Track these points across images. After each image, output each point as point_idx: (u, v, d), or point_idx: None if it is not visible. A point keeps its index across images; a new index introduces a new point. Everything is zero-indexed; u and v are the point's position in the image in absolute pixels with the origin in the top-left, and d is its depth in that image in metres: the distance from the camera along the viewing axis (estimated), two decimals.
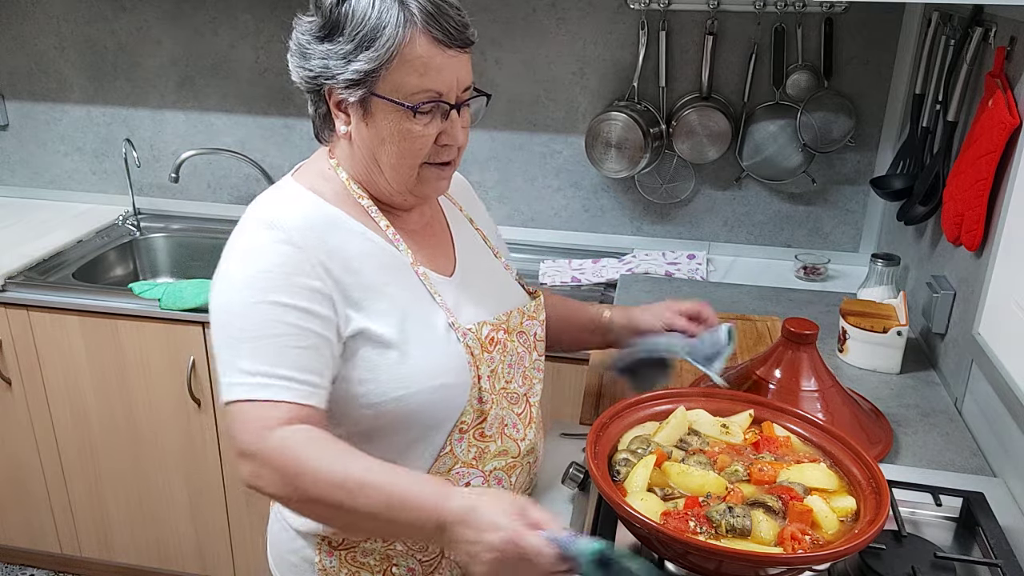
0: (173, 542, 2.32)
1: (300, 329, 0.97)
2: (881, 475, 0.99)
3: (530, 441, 1.17)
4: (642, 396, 1.17)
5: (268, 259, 0.99)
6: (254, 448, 0.94)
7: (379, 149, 1.03)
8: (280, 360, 0.96)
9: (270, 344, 0.96)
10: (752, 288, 2.06)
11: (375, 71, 0.97)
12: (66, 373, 2.16)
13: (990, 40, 1.52)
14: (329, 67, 1.00)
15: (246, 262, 1.00)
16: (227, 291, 1.00)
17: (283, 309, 0.97)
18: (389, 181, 1.06)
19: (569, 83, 2.26)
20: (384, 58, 0.97)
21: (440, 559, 1.14)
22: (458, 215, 1.24)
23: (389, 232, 1.08)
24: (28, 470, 2.31)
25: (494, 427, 1.11)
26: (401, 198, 1.09)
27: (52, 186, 2.70)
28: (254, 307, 0.97)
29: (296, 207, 1.04)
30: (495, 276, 1.21)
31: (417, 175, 1.05)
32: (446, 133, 1.04)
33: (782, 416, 1.14)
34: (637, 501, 0.98)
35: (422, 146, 1.03)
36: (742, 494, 0.98)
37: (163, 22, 2.42)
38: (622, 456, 1.06)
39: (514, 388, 1.14)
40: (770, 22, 2.09)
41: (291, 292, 0.98)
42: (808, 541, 0.91)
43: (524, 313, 1.18)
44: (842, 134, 2.10)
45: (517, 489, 1.17)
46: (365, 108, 1.01)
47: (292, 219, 1.01)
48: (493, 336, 1.11)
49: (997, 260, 1.36)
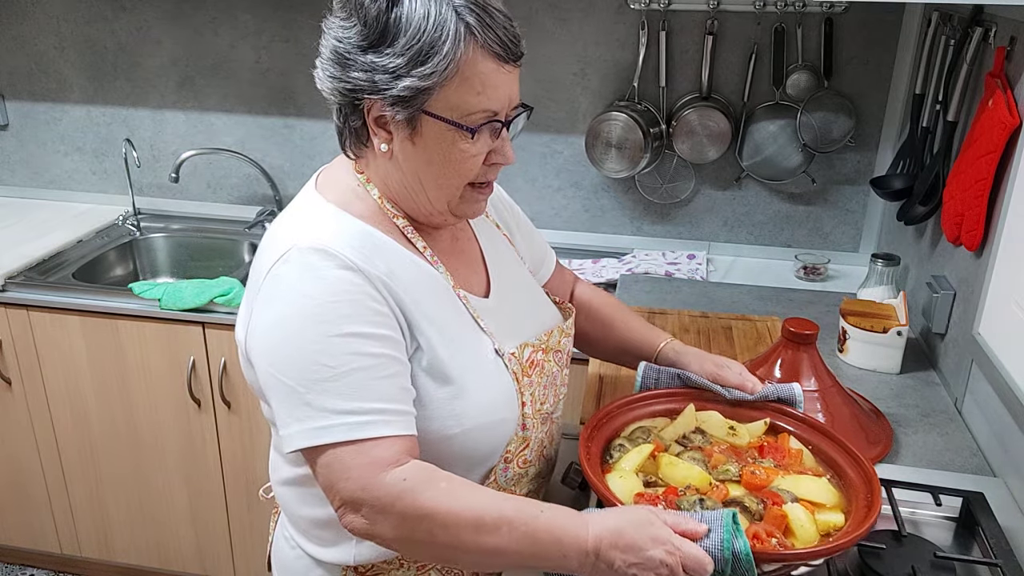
0: (173, 543, 2.32)
1: (383, 358, 0.90)
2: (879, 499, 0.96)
3: (554, 458, 1.16)
4: (660, 391, 1.18)
5: (331, 288, 0.90)
6: (366, 495, 0.87)
7: (425, 169, 0.95)
8: (370, 394, 0.88)
9: (357, 378, 0.88)
10: (752, 288, 2.06)
11: (429, 88, 0.88)
12: (66, 373, 2.16)
13: (990, 40, 1.52)
14: (375, 81, 0.89)
15: (307, 294, 0.89)
16: (291, 328, 0.89)
17: (361, 340, 0.89)
18: (431, 201, 0.98)
19: (569, 83, 2.27)
20: (441, 76, 0.88)
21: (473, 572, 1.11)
22: (488, 225, 1.17)
23: (427, 253, 1.01)
24: (28, 470, 2.31)
25: (534, 451, 1.08)
26: (440, 219, 1.01)
27: (52, 186, 2.70)
28: (329, 341, 0.88)
29: (341, 229, 0.95)
30: (529, 292, 1.15)
31: (460, 196, 0.98)
32: (497, 152, 0.96)
33: (784, 418, 1.14)
34: (616, 479, 0.99)
35: (473, 166, 0.95)
36: (725, 492, 0.99)
37: (163, 22, 2.42)
38: (619, 442, 1.08)
39: (547, 409, 1.10)
40: (770, 22, 2.09)
41: (364, 320, 0.90)
42: (774, 544, 0.90)
43: (563, 332, 1.12)
44: (842, 134, 2.10)
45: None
46: (413, 127, 0.92)
47: (342, 242, 0.92)
48: (533, 359, 1.05)
49: (997, 260, 1.36)
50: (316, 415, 0.88)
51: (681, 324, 1.78)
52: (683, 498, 0.96)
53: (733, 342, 1.70)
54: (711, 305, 1.93)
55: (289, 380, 0.89)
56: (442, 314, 0.98)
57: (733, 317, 1.83)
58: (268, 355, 0.91)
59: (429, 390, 0.95)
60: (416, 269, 0.98)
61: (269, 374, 0.91)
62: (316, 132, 2.46)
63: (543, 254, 1.30)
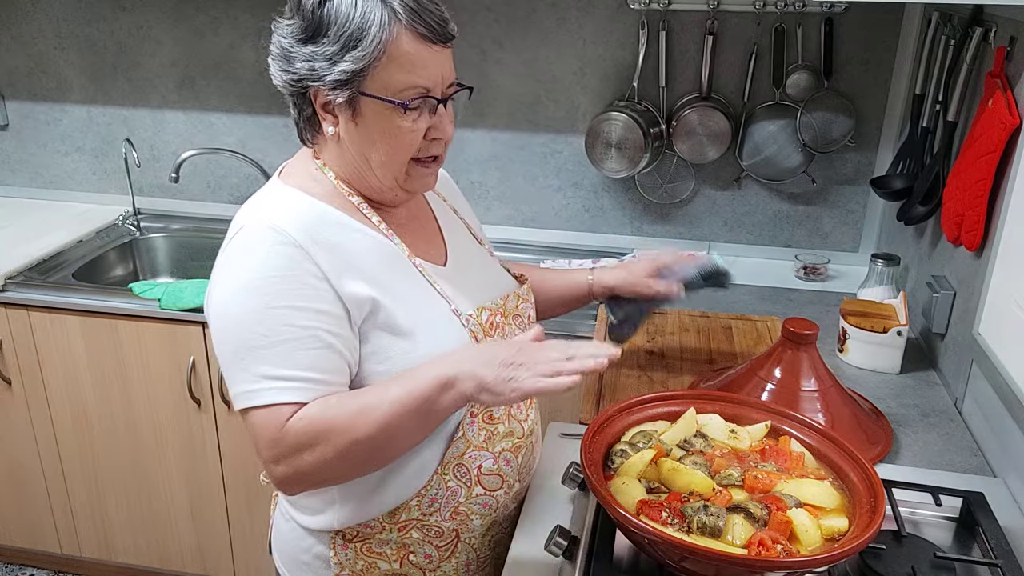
0: (173, 542, 2.32)
1: (314, 330, 0.98)
2: (882, 503, 0.96)
3: (532, 421, 1.22)
4: (660, 394, 1.18)
5: (273, 263, 0.99)
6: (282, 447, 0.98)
7: (369, 148, 1.04)
8: (298, 363, 0.98)
9: (287, 348, 0.97)
10: (752, 288, 2.06)
11: (362, 71, 0.98)
12: (66, 373, 2.16)
13: (990, 40, 1.52)
14: (315, 69, 0.99)
15: (251, 268, 0.99)
16: (234, 299, 0.99)
17: (295, 312, 0.98)
18: (380, 179, 1.07)
19: (569, 83, 2.26)
20: (371, 57, 0.97)
21: (456, 542, 1.15)
22: (443, 205, 1.26)
23: (383, 227, 1.10)
24: (28, 470, 2.31)
25: (501, 408, 1.14)
26: (391, 195, 1.10)
27: (52, 186, 2.70)
28: (266, 312, 0.97)
29: (291, 208, 1.04)
30: (484, 263, 1.24)
31: (406, 172, 1.06)
32: (435, 127, 1.04)
33: (786, 421, 1.14)
34: (619, 486, 0.99)
35: (412, 142, 1.03)
36: (729, 497, 0.98)
37: (163, 22, 2.42)
38: (620, 448, 1.07)
39: None
40: (770, 22, 2.09)
41: (301, 295, 0.98)
42: (779, 550, 0.90)
43: (519, 296, 1.21)
44: (842, 134, 2.10)
45: (521, 471, 1.20)
46: (353, 108, 1.01)
47: (290, 220, 1.01)
48: (493, 320, 1.14)
49: (997, 260, 1.36)
50: (250, 379, 0.98)
51: (681, 324, 1.78)
52: (687, 504, 0.96)
53: (733, 342, 1.70)
54: (711, 305, 1.92)
55: (231, 346, 0.99)
56: (396, 279, 1.07)
57: (733, 317, 1.83)
58: (216, 323, 1.01)
59: (388, 344, 1.04)
60: (370, 240, 1.07)
61: (218, 341, 1.01)
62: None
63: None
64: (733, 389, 1.36)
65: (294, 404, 0.98)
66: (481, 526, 1.17)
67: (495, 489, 1.16)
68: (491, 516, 1.18)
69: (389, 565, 1.15)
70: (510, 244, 2.39)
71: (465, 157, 2.40)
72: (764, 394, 1.32)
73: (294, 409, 0.98)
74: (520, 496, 1.23)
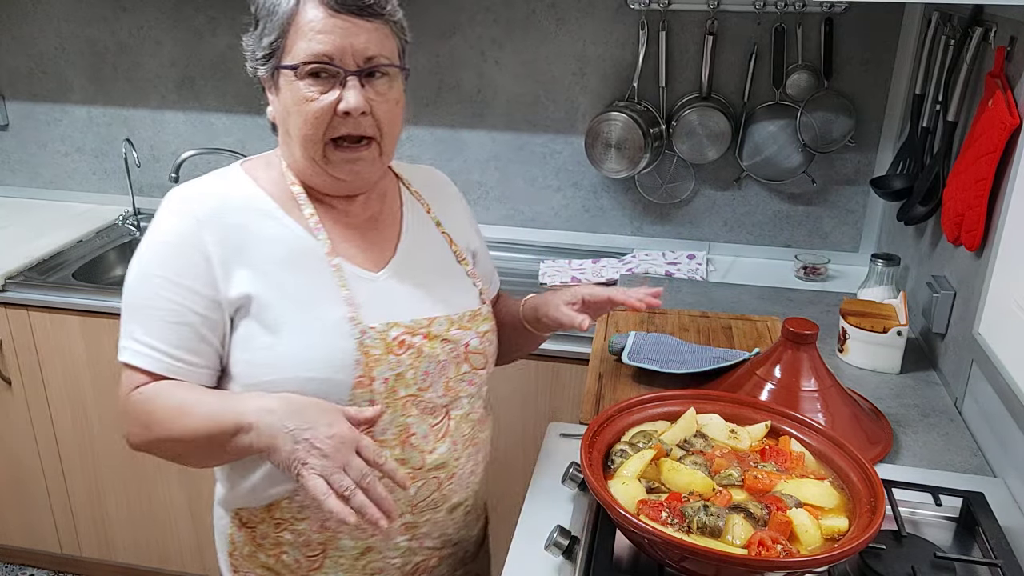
0: (173, 542, 2.32)
1: (180, 306, 1.02)
2: (882, 501, 0.96)
3: (440, 455, 1.13)
4: (660, 394, 1.18)
5: (164, 234, 1.04)
6: (123, 410, 1.05)
7: (288, 121, 1.05)
8: (157, 333, 1.03)
9: (150, 316, 1.03)
10: (752, 288, 2.06)
11: (276, 42, 1.01)
12: (66, 373, 2.16)
13: (990, 40, 1.52)
14: (253, 51, 1.05)
15: (150, 234, 1.05)
16: (135, 258, 1.06)
17: (166, 284, 1.02)
18: (301, 158, 1.06)
19: (569, 83, 2.26)
20: (281, 27, 1.00)
21: (323, 556, 1.14)
22: (422, 216, 1.21)
23: (312, 220, 1.08)
24: (28, 470, 2.31)
25: (389, 433, 1.08)
26: (322, 181, 1.08)
27: (52, 186, 2.70)
28: (142, 279, 1.04)
29: (214, 186, 1.09)
30: (438, 281, 1.17)
31: (324, 155, 1.04)
32: (342, 100, 1.01)
33: (786, 421, 1.14)
34: (619, 486, 0.99)
35: (317, 114, 1.01)
36: (729, 497, 0.98)
37: (163, 22, 2.42)
38: (620, 448, 1.07)
39: (430, 397, 1.11)
40: (770, 22, 2.09)
41: (177, 269, 1.02)
42: (779, 550, 0.90)
43: (452, 321, 1.13)
44: (842, 134, 2.10)
45: (419, 503, 1.14)
46: (275, 83, 1.04)
47: (202, 196, 1.06)
48: (404, 339, 1.08)
49: (997, 260, 1.36)
50: (124, 334, 1.05)
51: (681, 324, 1.78)
52: (687, 504, 0.96)
53: (733, 342, 1.70)
54: (711, 305, 1.93)
55: (123, 299, 1.06)
56: (292, 274, 1.06)
57: (733, 317, 1.83)
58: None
59: (254, 335, 1.04)
60: (282, 230, 1.07)
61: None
62: None
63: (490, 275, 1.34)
64: (733, 389, 1.36)
65: (145, 373, 1.03)
66: (353, 548, 1.13)
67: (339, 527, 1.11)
68: (366, 542, 1.13)
69: (266, 558, 1.16)
70: (510, 244, 2.39)
71: (465, 157, 2.40)
72: (764, 394, 1.32)
73: (144, 380, 1.03)
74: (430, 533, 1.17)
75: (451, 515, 1.19)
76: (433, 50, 2.28)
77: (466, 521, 1.24)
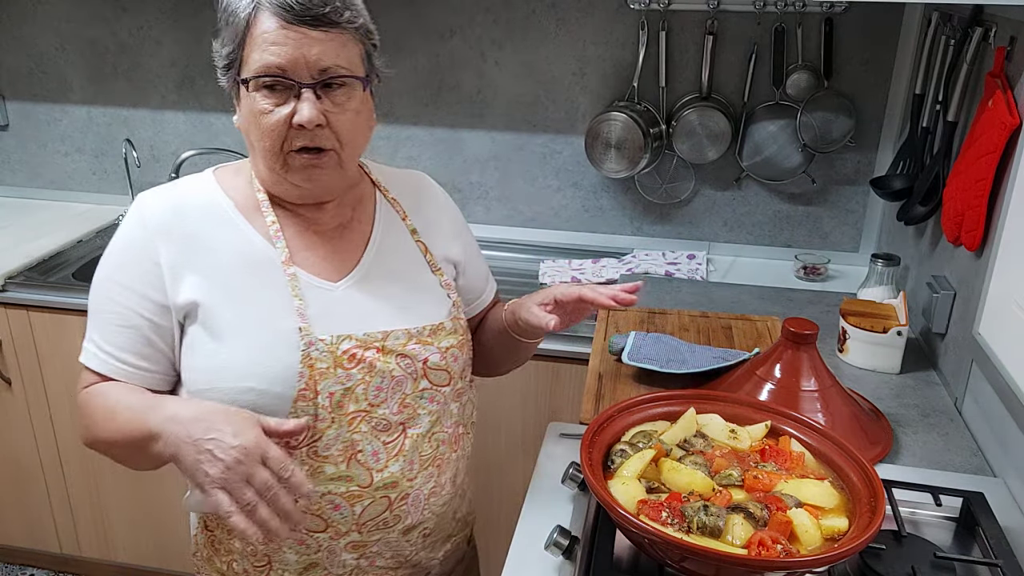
0: (173, 543, 2.32)
1: (128, 311, 1.04)
2: (882, 503, 0.96)
3: (392, 474, 1.08)
4: (660, 394, 1.17)
5: (121, 239, 1.07)
6: (77, 406, 1.09)
7: (248, 132, 1.05)
8: (107, 336, 1.06)
9: (103, 319, 1.06)
10: (752, 288, 2.06)
11: (233, 52, 1.01)
12: (66, 373, 2.16)
13: (990, 40, 1.52)
14: (217, 61, 1.05)
15: (114, 238, 1.08)
16: (100, 261, 1.09)
17: (118, 289, 1.05)
18: (264, 168, 1.06)
19: (569, 83, 2.27)
20: (239, 38, 0.99)
21: (268, 568, 1.12)
22: (397, 224, 1.18)
23: (272, 228, 1.08)
24: (28, 470, 2.31)
25: (334, 449, 1.04)
26: (283, 188, 1.07)
27: (52, 186, 2.70)
28: (99, 283, 1.07)
29: (176, 192, 1.09)
30: (402, 293, 1.13)
31: (284, 163, 1.03)
32: (297, 113, 0.99)
33: (786, 421, 1.14)
34: (619, 486, 0.99)
35: (272, 126, 1.00)
36: (729, 497, 0.98)
37: (163, 22, 2.42)
38: (620, 447, 1.07)
39: (383, 414, 1.07)
40: (770, 22, 2.09)
41: (129, 274, 1.04)
42: (779, 550, 0.90)
43: (411, 335, 1.09)
44: (842, 134, 2.10)
45: (367, 522, 1.09)
46: (236, 93, 1.04)
47: (160, 202, 1.07)
48: (356, 353, 1.04)
49: (997, 260, 1.36)
50: (86, 336, 1.09)
51: (681, 324, 1.78)
52: (687, 504, 0.96)
53: (733, 342, 1.70)
54: (711, 305, 1.93)
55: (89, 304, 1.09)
56: (243, 282, 1.05)
57: (733, 317, 1.83)
58: None
59: (200, 341, 1.04)
60: (238, 237, 1.07)
61: None
62: None
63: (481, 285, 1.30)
64: (733, 389, 1.36)
65: (95, 373, 1.07)
66: (297, 563, 1.10)
67: (315, 531, 1.07)
68: (310, 557, 1.09)
69: (220, 564, 1.17)
70: (510, 244, 2.39)
71: (464, 157, 2.40)
72: (764, 394, 1.32)
73: (95, 380, 1.07)
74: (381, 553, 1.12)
75: (406, 536, 1.13)
76: (433, 50, 2.28)
77: (426, 544, 1.18)
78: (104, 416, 1.04)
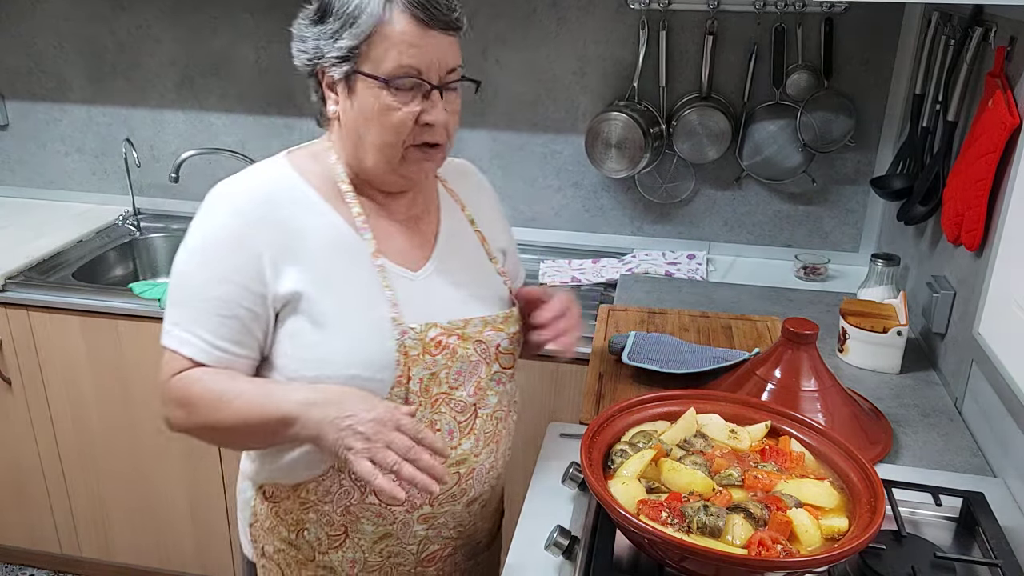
0: (173, 542, 2.32)
1: (232, 303, 1.05)
2: (882, 505, 0.96)
3: (464, 451, 1.15)
4: (660, 394, 1.18)
5: (213, 230, 1.07)
6: (165, 393, 1.08)
7: (363, 128, 1.05)
8: (209, 326, 1.05)
9: (199, 308, 1.06)
10: (752, 288, 2.06)
11: (357, 47, 1.01)
12: (66, 373, 2.16)
13: (990, 40, 1.52)
14: (320, 47, 1.04)
15: (199, 229, 1.08)
16: (183, 255, 1.09)
17: (217, 280, 1.05)
18: (374, 161, 1.08)
19: (569, 83, 2.26)
20: (366, 34, 1.00)
21: (345, 537, 1.16)
22: (457, 215, 1.24)
23: (359, 220, 1.10)
24: (28, 470, 2.31)
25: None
26: (389, 179, 1.10)
27: (52, 186, 2.70)
28: (193, 273, 1.07)
29: (261, 179, 1.10)
30: (473, 281, 1.20)
31: (402, 156, 1.07)
32: (427, 112, 1.05)
33: (786, 421, 1.13)
34: (619, 486, 0.99)
35: (401, 124, 1.04)
36: (729, 497, 0.98)
37: (163, 22, 2.42)
38: (620, 448, 1.07)
39: (460, 396, 1.14)
40: (770, 22, 2.09)
41: (229, 266, 1.05)
42: (779, 550, 0.90)
43: (487, 323, 1.16)
44: (842, 134, 2.10)
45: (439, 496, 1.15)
46: (350, 86, 1.04)
47: (249, 191, 1.08)
48: (441, 340, 1.11)
49: (997, 260, 1.36)
50: (169, 320, 1.08)
51: (681, 324, 1.78)
52: (687, 504, 0.96)
53: (733, 342, 1.70)
54: (711, 305, 1.93)
55: (171, 289, 1.10)
56: (340, 271, 1.08)
57: (733, 317, 1.83)
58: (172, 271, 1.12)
59: (303, 331, 1.07)
60: (329, 227, 1.09)
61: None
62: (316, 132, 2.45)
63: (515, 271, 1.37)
64: (733, 389, 1.36)
65: (189, 360, 1.06)
66: (373, 533, 1.16)
67: (391, 504, 1.14)
68: (385, 528, 1.16)
69: (287, 533, 1.19)
70: None
71: (465, 157, 2.37)
72: (764, 394, 1.32)
73: (186, 365, 1.06)
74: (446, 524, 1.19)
75: (468, 508, 1.21)
76: None
77: (483, 514, 1.26)
78: (211, 402, 1.05)
